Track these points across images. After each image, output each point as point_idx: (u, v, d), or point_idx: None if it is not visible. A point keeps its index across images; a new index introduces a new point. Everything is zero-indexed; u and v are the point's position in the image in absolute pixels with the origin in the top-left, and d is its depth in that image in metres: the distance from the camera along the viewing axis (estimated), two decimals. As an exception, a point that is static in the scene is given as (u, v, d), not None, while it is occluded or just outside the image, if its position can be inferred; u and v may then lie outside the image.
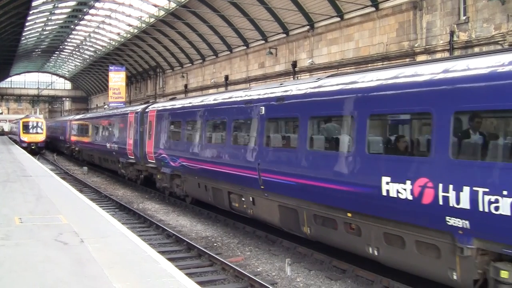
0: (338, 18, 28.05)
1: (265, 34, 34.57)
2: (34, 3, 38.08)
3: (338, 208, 9.66)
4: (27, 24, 46.63)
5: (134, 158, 23.32)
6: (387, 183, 8.28)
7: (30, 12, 40.12)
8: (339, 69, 26.53)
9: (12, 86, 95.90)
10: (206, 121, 15.55)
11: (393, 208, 8.24)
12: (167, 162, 18.59)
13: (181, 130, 17.66)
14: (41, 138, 47.08)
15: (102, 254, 7.85)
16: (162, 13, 41.44)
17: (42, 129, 47.41)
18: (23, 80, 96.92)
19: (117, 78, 54.43)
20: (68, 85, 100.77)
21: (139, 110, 22.82)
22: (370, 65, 24.42)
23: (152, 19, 43.75)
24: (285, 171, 11.23)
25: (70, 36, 61.96)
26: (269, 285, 9.25)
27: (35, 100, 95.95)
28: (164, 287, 6.41)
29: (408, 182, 7.91)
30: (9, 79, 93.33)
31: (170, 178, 18.94)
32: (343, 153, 9.63)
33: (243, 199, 13.35)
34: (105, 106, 67.23)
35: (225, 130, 14.25)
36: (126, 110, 26.71)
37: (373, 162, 8.85)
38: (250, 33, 35.69)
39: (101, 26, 53.42)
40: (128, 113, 24.75)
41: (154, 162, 20.24)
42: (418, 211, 7.79)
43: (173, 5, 38.67)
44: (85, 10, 49.35)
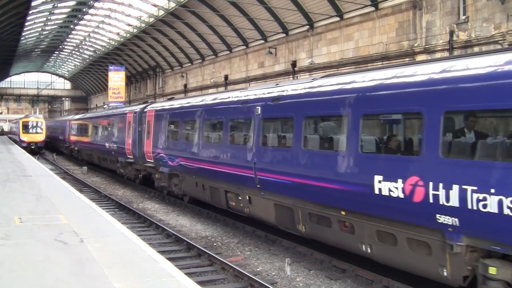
0: (338, 18, 28.06)
1: (264, 33, 34.57)
2: (33, 3, 38.05)
3: (332, 206, 9.78)
4: (27, 24, 46.59)
5: (132, 157, 23.35)
6: (379, 182, 8.40)
7: (30, 12, 40.07)
8: (339, 68, 26.55)
9: (11, 86, 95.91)
10: (204, 121, 15.63)
11: (385, 206, 8.37)
12: (165, 161, 18.65)
13: (179, 130, 17.72)
14: (40, 138, 47.07)
15: (102, 254, 7.85)
16: (161, 12, 41.45)
17: (41, 129, 47.40)
18: (23, 80, 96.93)
19: (116, 78, 54.44)
20: (67, 85, 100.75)
21: (138, 110, 22.88)
22: (369, 64, 24.42)
23: (151, 19, 43.75)
24: (280, 170, 11.34)
25: (69, 36, 61.94)
26: (269, 284, 9.26)
27: (35, 100, 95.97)
28: (164, 287, 6.41)
29: (399, 181, 8.02)
30: (8, 79, 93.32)
31: (168, 178, 19.01)
32: (337, 152, 9.76)
33: (240, 198, 13.46)
34: (104, 106, 67.20)
35: (222, 130, 14.33)
36: (124, 110, 26.73)
37: (366, 161, 8.96)
38: (249, 32, 35.69)
39: (100, 26, 53.43)
40: (126, 113, 24.80)
41: (153, 161, 20.30)
42: (409, 209, 7.91)
43: (172, 4, 38.67)
44: (84, 10, 49.35)
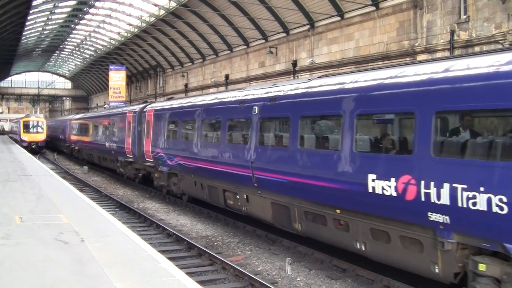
0: (339, 18, 28.05)
1: (265, 33, 34.56)
2: (34, 3, 38.07)
3: (328, 205, 9.91)
4: (28, 23, 46.61)
5: (132, 157, 23.44)
6: (373, 180, 8.51)
7: (31, 11, 40.10)
8: (340, 68, 26.54)
9: (12, 86, 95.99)
10: (202, 120, 15.77)
11: (378, 204, 8.51)
12: (164, 160, 18.78)
13: (177, 129, 17.86)
14: (41, 137, 47.10)
15: (103, 254, 7.85)
16: (162, 12, 41.45)
17: (42, 128, 47.43)
18: (24, 79, 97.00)
19: (117, 78, 54.45)
20: (68, 84, 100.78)
21: (137, 109, 23.02)
22: (370, 64, 24.42)
23: (152, 19, 43.75)
24: (277, 169, 11.48)
25: (70, 35, 61.97)
26: (269, 284, 9.26)
27: (36, 99, 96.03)
28: (164, 286, 6.41)
29: (392, 179, 8.14)
30: (9, 79, 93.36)
31: (167, 177, 19.12)
32: (332, 151, 9.92)
33: (238, 197, 13.61)
34: (105, 106, 67.21)
35: (220, 129, 14.45)
36: (124, 109, 26.82)
37: (360, 160, 9.07)
38: (250, 32, 35.68)
39: (101, 25, 53.44)
40: (126, 112, 24.91)
41: (152, 161, 20.41)
42: (402, 207, 8.04)
43: (173, 4, 38.68)
44: (85, 9, 49.37)
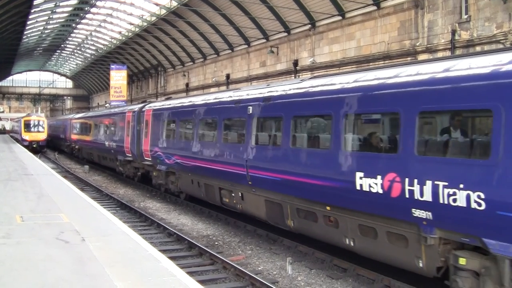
0: (340, 17, 28.04)
1: (266, 32, 34.55)
2: (35, 2, 38.07)
3: (318, 202, 10.15)
4: (29, 22, 46.61)
5: (131, 156, 23.64)
6: (361, 178, 8.76)
7: (32, 10, 40.11)
8: (341, 68, 26.53)
9: (13, 85, 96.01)
10: (199, 120, 16.02)
11: (366, 201, 8.74)
12: (162, 159, 19.03)
13: (175, 129, 18.08)
14: (42, 136, 47.13)
15: (103, 253, 7.85)
16: (163, 11, 41.46)
17: (43, 127, 47.46)
18: (25, 78, 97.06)
19: (118, 77, 54.48)
20: (69, 83, 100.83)
21: (136, 109, 23.29)
22: (371, 64, 24.41)
23: (153, 18, 43.76)
24: (270, 168, 11.77)
25: (71, 34, 61.95)
26: (270, 284, 9.26)
27: (37, 98, 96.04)
28: (165, 286, 6.41)
29: (378, 177, 8.39)
30: (10, 78, 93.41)
31: (165, 175, 19.34)
32: (322, 150, 10.32)
33: (233, 195, 13.89)
34: (106, 105, 67.24)
35: (216, 129, 14.72)
36: (124, 109, 27.01)
37: (348, 159, 9.32)
38: (251, 31, 35.68)
39: (102, 24, 53.45)
40: (125, 112, 25.14)
41: (150, 159, 20.66)
42: (387, 204, 8.27)
43: (174, 3, 38.68)
44: (86, 8, 49.38)
